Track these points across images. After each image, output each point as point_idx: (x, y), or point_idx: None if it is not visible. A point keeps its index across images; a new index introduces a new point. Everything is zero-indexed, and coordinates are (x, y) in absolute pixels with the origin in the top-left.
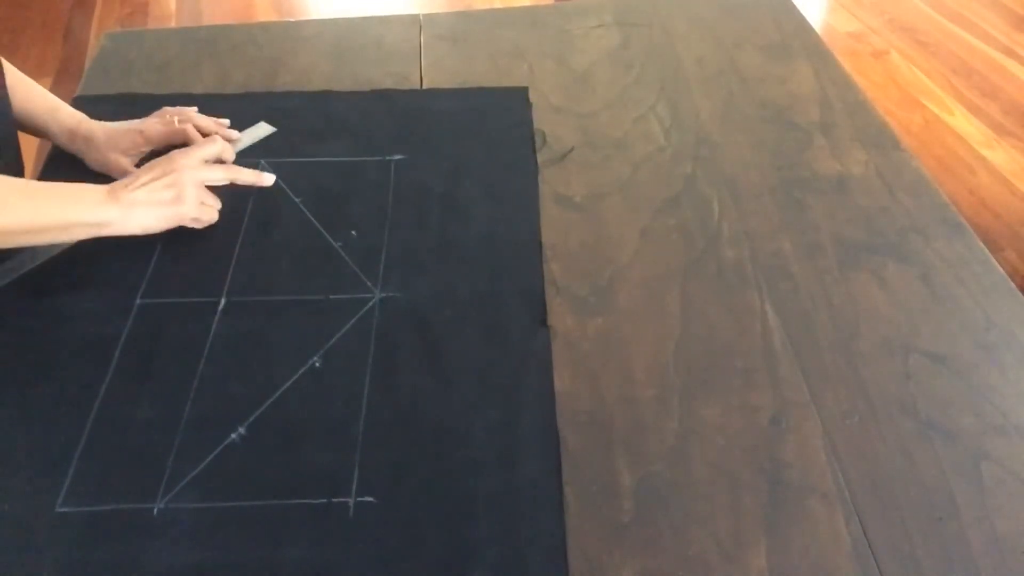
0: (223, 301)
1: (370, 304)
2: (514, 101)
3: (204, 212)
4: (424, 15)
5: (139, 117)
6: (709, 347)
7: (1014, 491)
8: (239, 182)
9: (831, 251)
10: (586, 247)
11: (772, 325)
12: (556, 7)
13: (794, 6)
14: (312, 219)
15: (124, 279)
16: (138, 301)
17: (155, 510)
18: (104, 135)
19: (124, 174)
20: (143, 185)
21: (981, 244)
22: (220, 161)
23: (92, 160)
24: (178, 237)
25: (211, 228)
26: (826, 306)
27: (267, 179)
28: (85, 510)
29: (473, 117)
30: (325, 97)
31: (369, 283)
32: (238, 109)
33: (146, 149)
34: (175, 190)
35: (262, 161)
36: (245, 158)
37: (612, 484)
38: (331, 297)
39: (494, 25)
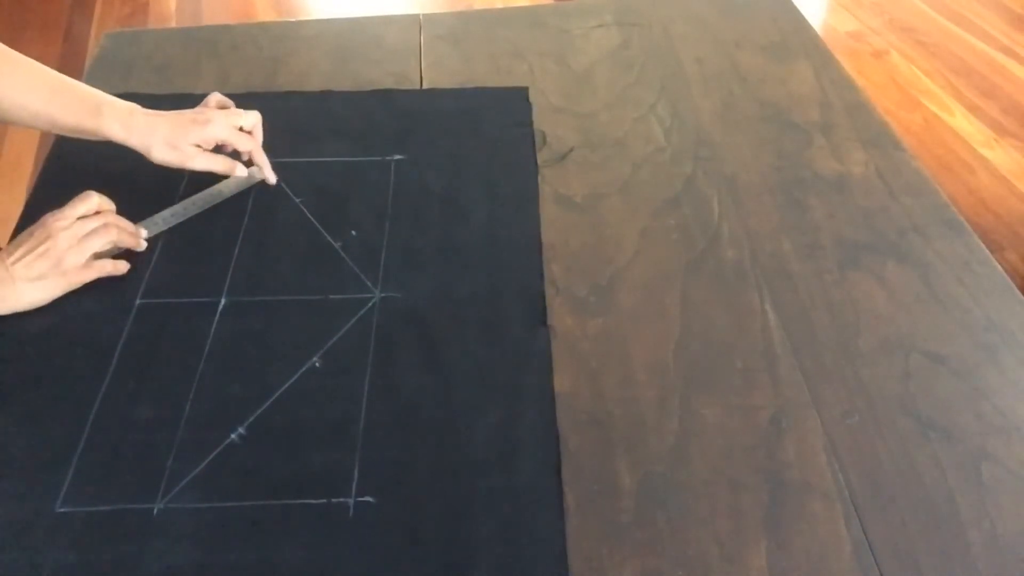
0: (223, 301)
1: (370, 304)
2: (514, 101)
3: (100, 270)
4: (424, 15)
5: None
6: (709, 347)
7: (1014, 491)
8: (122, 245)
9: (831, 251)
10: (586, 247)
11: (772, 325)
12: (556, 7)
13: (794, 6)
14: (312, 219)
15: (124, 279)
16: (138, 301)
17: (155, 510)
18: (167, 124)
19: (198, 160)
20: (18, 260)
21: (981, 244)
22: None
23: (159, 151)
24: (178, 237)
25: (211, 228)
26: (826, 306)
27: (141, 239)
28: (84, 510)
29: (473, 117)
30: (325, 97)
31: (369, 283)
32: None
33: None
34: (52, 260)
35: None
36: (244, 158)
37: (612, 484)
38: (331, 297)
39: (494, 25)
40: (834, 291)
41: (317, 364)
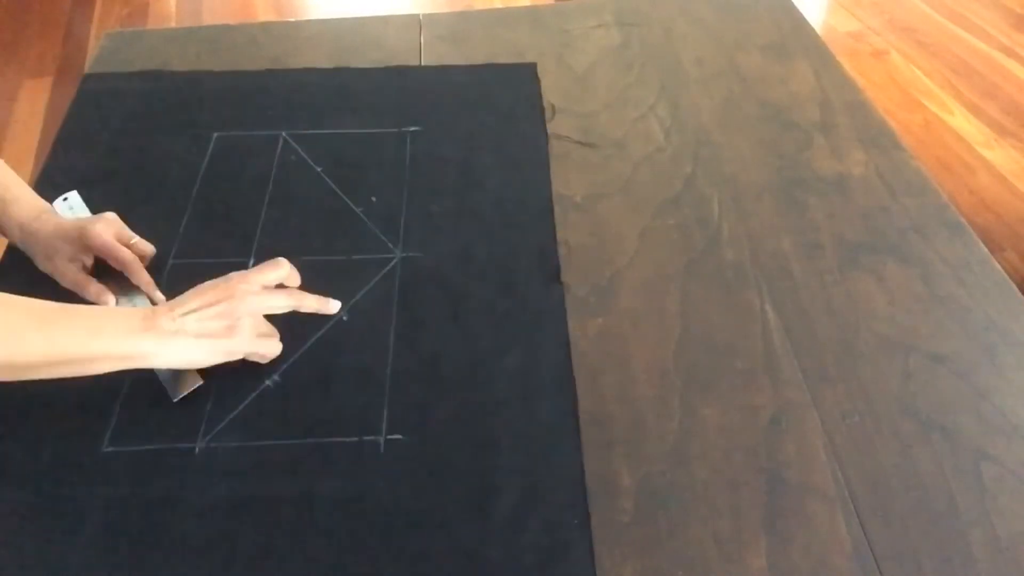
0: (252, 262)
1: (392, 263)
2: (523, 75)
3: (262, 346)
4: (424, 15)
5: (164, 94)
6: (709, 347)
7: (1014, 491)
8: (303, 310)
9: (831, 251)
10: (586, 247)
11: (772, 325)
12: (556, 7)
13: (794, 6)
14: (333, 186)
15: (156, 242)
16: (171, 261)
17: (196, 449)
18: (48, 236)
19: (73, 284)
20: (192, 312)
21: (981, 244)
22: (281, 285)
23: (39, 263)
24: (205, 203)
25: (236, 195)
26: (826, 306)
27: (332, 306)
28: (130, 450)
29: (484, 91)
30: (341, 73)
31: (390, 244)
32: (256, 87)
33: (88, 260)
34: (228, 321)
35: (283, 133)
36: (266, 131)
37: (612, 484)
38: (354, 257)
39: (494, 25)
40: (834, 291)
41: (344, 318)
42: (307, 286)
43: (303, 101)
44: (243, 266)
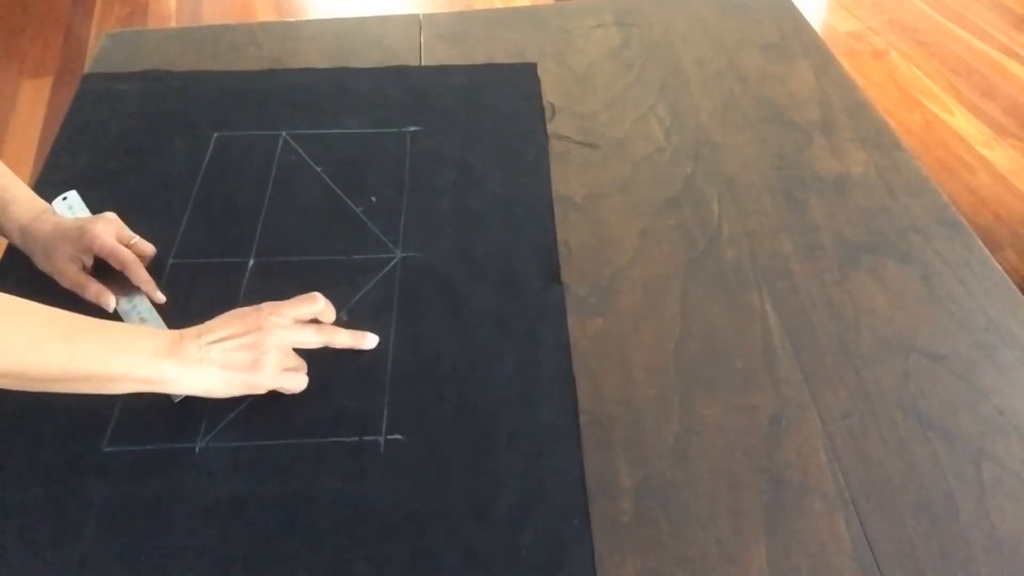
0: (251, 262)
1: (392, 263)
2: (523, 75)
3: (286, 380)
4: (424, 15)
5: (164, 94)
6: (709, 347)
7: (1014, 491)
8: (334, 346)
9: (831, 251)
10: (586, 247)
11: (772, 325)
12: (556, 7)
13: (794, 6)
14: (333, 186)
15: (156, 242)
16: (171, 261)
17: (196, 449)
18: (47, 236)
19: (73, 284)
20: (219, 341)
21: (981, 244)
22: (315, 320)
23: (39, 263)
24: (205, 203)
25: (236, 195)
26: (826, 306)
27: (369, 341)
28: (130, 450)
29: (484, 91)
30: (341, 73)
31: (390, 244)
32: (256, 87)
33: (88, 260)
34: (254, 354)
35: (283, 133)
36: (266, 131)
37: (612, 484)
38: (354, 257)
39: (494, 25)
40: (834, 291)
41: (344, 317)
42: (308, 286)
43: (303, 101)
44: (243, 266)
